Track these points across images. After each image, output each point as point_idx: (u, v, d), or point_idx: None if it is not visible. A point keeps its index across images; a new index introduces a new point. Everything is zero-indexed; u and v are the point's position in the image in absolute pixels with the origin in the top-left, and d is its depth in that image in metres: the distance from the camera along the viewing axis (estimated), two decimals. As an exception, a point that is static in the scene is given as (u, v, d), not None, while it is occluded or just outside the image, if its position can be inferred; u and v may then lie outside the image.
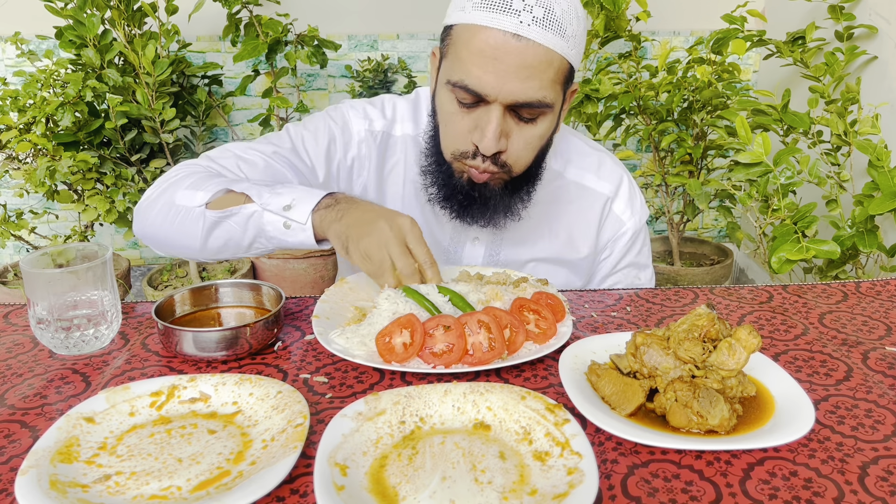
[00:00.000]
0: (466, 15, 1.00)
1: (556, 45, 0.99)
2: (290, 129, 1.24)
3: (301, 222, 0.99)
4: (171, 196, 1.09)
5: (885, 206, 1.77)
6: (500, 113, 1.02)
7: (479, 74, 0.99)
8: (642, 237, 1.34)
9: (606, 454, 0.70)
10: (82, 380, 0.86)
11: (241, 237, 1.05)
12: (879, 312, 1.04)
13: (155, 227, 1.12)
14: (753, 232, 2.27)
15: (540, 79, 1.00)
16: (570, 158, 1.28)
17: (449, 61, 1.05)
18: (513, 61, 0.98)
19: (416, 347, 0.85)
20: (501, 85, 0.99)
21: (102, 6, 2.38)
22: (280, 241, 1.02)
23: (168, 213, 1.09)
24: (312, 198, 1.00)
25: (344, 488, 0.62)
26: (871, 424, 0.75)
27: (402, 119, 1.26)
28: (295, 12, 2.83)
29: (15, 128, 2.31)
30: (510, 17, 0.97)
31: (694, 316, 0.79)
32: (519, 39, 0.97)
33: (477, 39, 0.99)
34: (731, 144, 2.02)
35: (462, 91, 1.02)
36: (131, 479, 0.66)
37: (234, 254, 1.09)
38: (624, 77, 2.70)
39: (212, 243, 1.07)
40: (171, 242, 1.12)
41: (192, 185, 1.08)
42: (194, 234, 1.07)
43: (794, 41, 2.51)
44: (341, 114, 1.25)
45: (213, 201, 1.06)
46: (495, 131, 1.02)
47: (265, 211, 1.01)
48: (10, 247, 3.15)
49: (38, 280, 0.88)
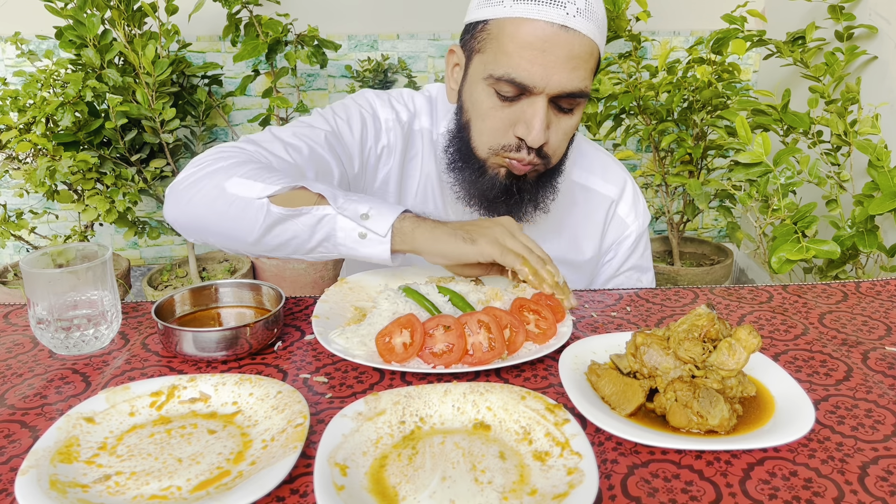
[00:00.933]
0: (506, 9, 1.01)
1: (596, 36, 1.02)
2: (324, 113, 1.20)
3: (381, 234, 0.94)
4: (218, 182, 1.01)
5: (885, 206, 1.77)
6: (545, 104, 1.03)
7: (526, 67, 1.00)
8: (645, 240, 1.34)
9: (606, 454, 0.70)
10: (82, 380, 0.86)
11: (307, 239, 0.98)
12: (879, 312, 1.04)
13: (197, 213, 1.02)
14: (753, 232, 2.27)
15: (584, 69, 1.02)
16: (575, 160, 1.28)
17: (488, 55, 1.04)
18: (561, 53, 0.99)
19: (416, 347, 0.85)
20: (549, 76, 1.00)
21: (102, 6, 2.38)
22: (349, 250, 0.97)
23: (217, 200, 1.00)
24: (392, 211, 0.96)
25: (344, 488, 0.62)
26: (871, 424, 0.75)
27: (421, 114, 1.25)
28: (295, 12, 2.83)
29: (15, 128, 2.31)
30: (557, 9, 0.98)
31: (694, 316, 0.79)
32: (567, 31, 0.99)
33: (523, 32, 0.99)
34: (731, 144, 2.02)
35: (507, 84, 1.02)
36: (131, 480, 0.66)
37: (291, 254, 1.02)
38: (624, 77, 2.70)
39: (270, 240, 1.00)
40: (215, 231, 1.03)
41: (249, 175, 1.00)
42: (250, 227, 0.99)
43: (794, 41, 2.51)
44: (368, 101, 1.23)
45: (278, 196, 0.98)
46: (542, 123, 1.03)
47: (339, 216, 0.96)
48: (10, 247, 3.15)
49: (38, 280, 0.88)
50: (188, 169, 1.06)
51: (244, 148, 1.09)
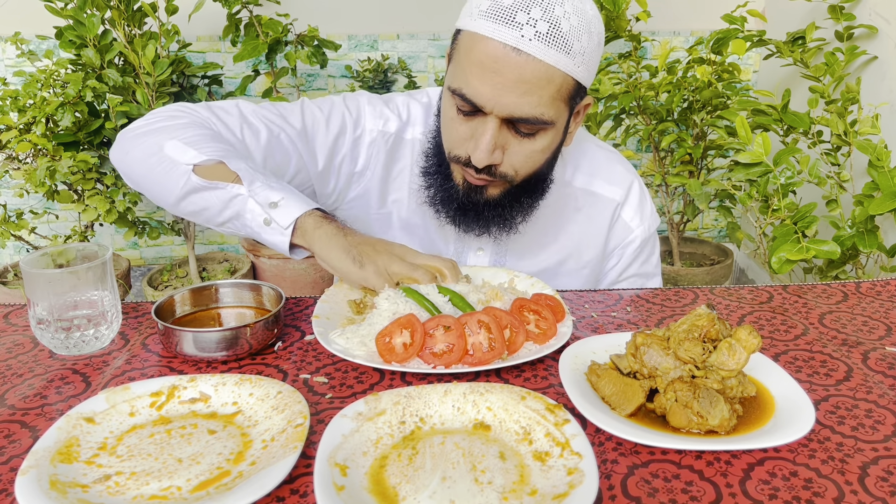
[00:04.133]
0: (473, 22, 0.98)
1: (559, 62, 0.96)
2: (304, 105, 1.21)
3: (282, 226, 0.98)
4: (160, 140, 1.05)
5: (885, 206, 1.77)
6: (496, 126, 1.00)
7: (476, 85, 0.97)
8: (651, 245, 1.31)
9: (606, 454, 0.70)
10: (82, 380, 0.86)
11: (218, 213, 1.03)
12: (879, 313, 1.04)
13: (134, 164, 1.08)
14: (753, 232, 2.27)
15: (539, 95, 0.97)
16: (579, 164, 1.26)
17: (453, 66, 1.03)
18: (511, 75, 0.95)
19: (416, 347, 0.85)
20: (498, 98, 0.97)
21: (102, 6, 2.38)
22: (253, 233, 1.01)
23: (152, 157, 1.05)
24: (301, 206, 0.99)
25: (344, 488, 0.62)
26: (872, 425, 0.75)
27: (415, 122, 1.23)
28: (295, 12, 2.83)
29: (15, 128, 2.31)
30: (512, 30, 0.94)
31: (694, 316, 0.79)
32: (519, 53, 0.94)
33: (477, 49, 0.97)
34: (731, 144, 2.02)
35: (460, 99, 1.00)
36: (131, 480, 0.66)
37: (205, 223, 1.07)
38: (624, 77, 2.70)
39: (186, 206, 1.05)
40: (145, 185, 1.09)
41: (188, 140, 1.04)
42: (172, 189, 1.04)
43: (794, 41, 2.51)
44: (357, 106, 1.22)
45: (203, 166, 1.02)
46: (488, 144, 1.00)
47: (250, 198, 0.99)
48: (10, 247, 3.15)
49: (38, 280, 0.88)
50: (143, 119, 1.12)
51: (199, 112, 1.13)
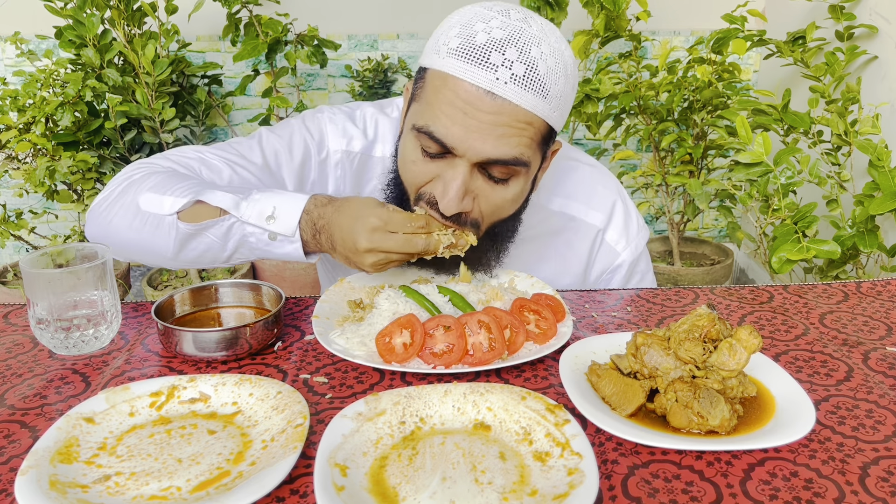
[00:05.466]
0: (441, 60, 0.90)
1: (536, 107, 0.89)
2: (262, 138, 1.13)
3: (288, 235, 0.92)
4: (132, 198, 0.99)
5: (885, 206, 1.77)
6: (467, 170, 0.92)
7: (447, 124, 0.90)
8: (642, 265, 1.25)
9: (607, 454, 0.70)
10: (82, 380, 0.86)
11: (222, 249, 0.97)
12: (880, 313, 1.04)
13: (119, 232, 1.01)
14: (754, 232, 2.27)
15: (517, 137, 0.90)
16: (553, 188, 1.18)
17: (418, 105, 0.95)
18: (485, 119, 0.88)
19: (416, 347, 0.85)
20: (470, 141, 0.89)
21: (102, 6, 2.38)
22: (265, 253, 0.96)
23: (134, 219, 0.99)
24: (296, 208, 0.92)
25: (344, 489, 0.62)
26: (872, 425, 0.75)
27: (384, 139, 1.15)
28: (295, 12, 2.83)
29: (15, 128, 2.31)
30: (486, 72, 0.87)
31: (694, 316, 0.79)
32: (493, 98, 0.87)
33: (448, 88, 0.89)
34: (732, 144, 2.02)
35: (428, 139, 0.92)
36: (131, 480, 0.66)
37: (212, 263, 1.01)
38: (624, 77, 2.70)
39: (186, 255, 0.99)
40: (137, 250, 1.02)
41: (156, 188, 0.98)
42: (165, 244, 0.98)
43: (795, 41, 2.51)
44: (318, 126, 1.15)
45: (187, 210, 0.96)
46: (458, 191, 0.91)
47: (245, 224, 0.94)
48: (10, 247, 3.15)
49: (38, 280, 0.87)
50: (105, 190, 1.06)
51: (157, 163, 1.07)
